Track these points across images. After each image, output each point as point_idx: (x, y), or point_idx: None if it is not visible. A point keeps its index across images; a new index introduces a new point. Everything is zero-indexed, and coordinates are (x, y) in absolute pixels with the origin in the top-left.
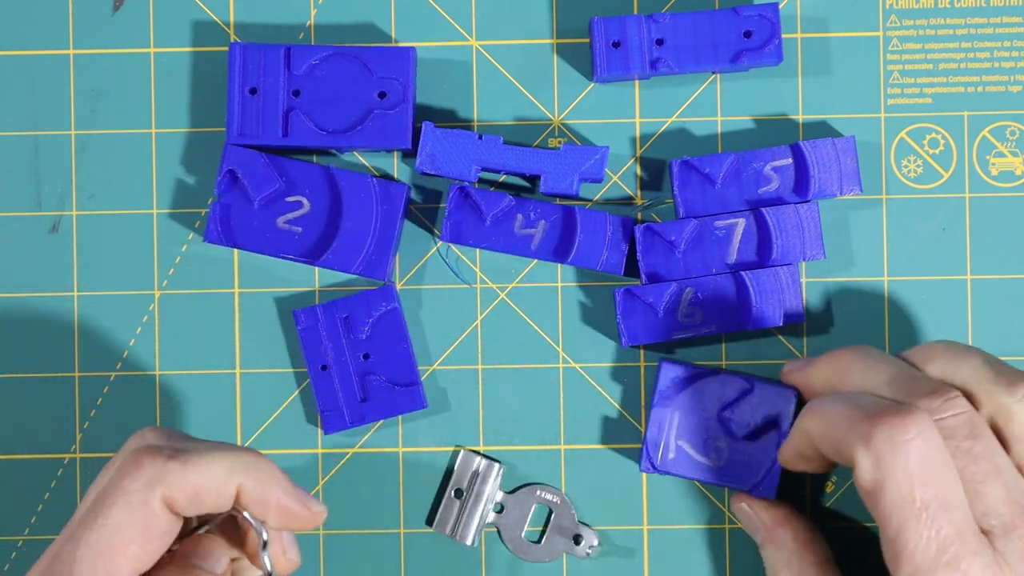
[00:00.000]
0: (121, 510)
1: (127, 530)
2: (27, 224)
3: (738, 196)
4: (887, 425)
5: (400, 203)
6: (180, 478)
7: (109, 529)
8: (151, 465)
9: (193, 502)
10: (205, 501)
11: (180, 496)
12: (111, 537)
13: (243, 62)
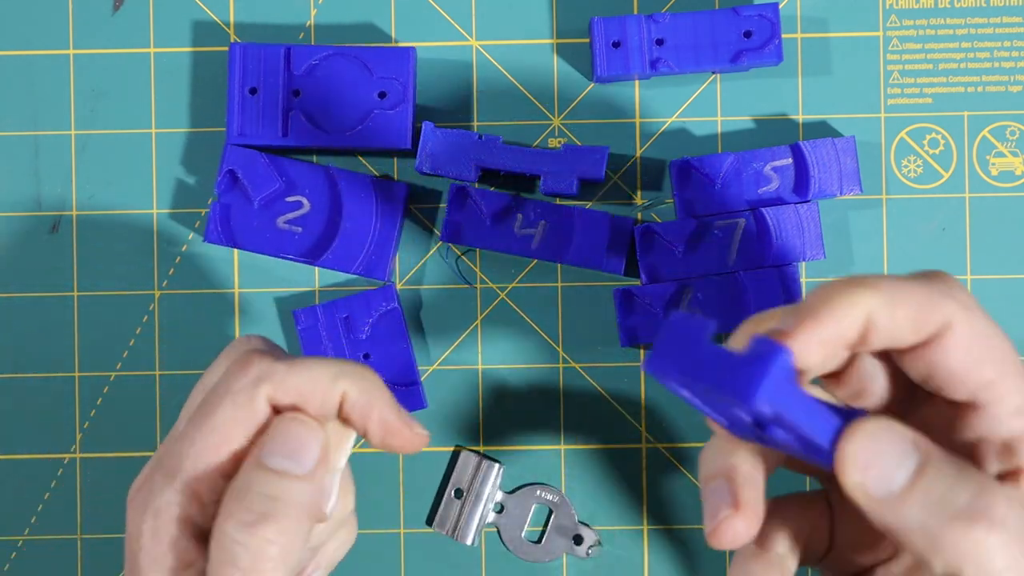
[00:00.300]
0: (227, 408)
1: (232, 427)
2: (27, 224)
3: (738, 196)
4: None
5: (400, 203)
6: (285, 378)
7: (214, 425)
8: (258, 365)
9: (299, 403)
10: (309, 404)
11: (284, 397)
12: (216, 433)
13: (243, 62)
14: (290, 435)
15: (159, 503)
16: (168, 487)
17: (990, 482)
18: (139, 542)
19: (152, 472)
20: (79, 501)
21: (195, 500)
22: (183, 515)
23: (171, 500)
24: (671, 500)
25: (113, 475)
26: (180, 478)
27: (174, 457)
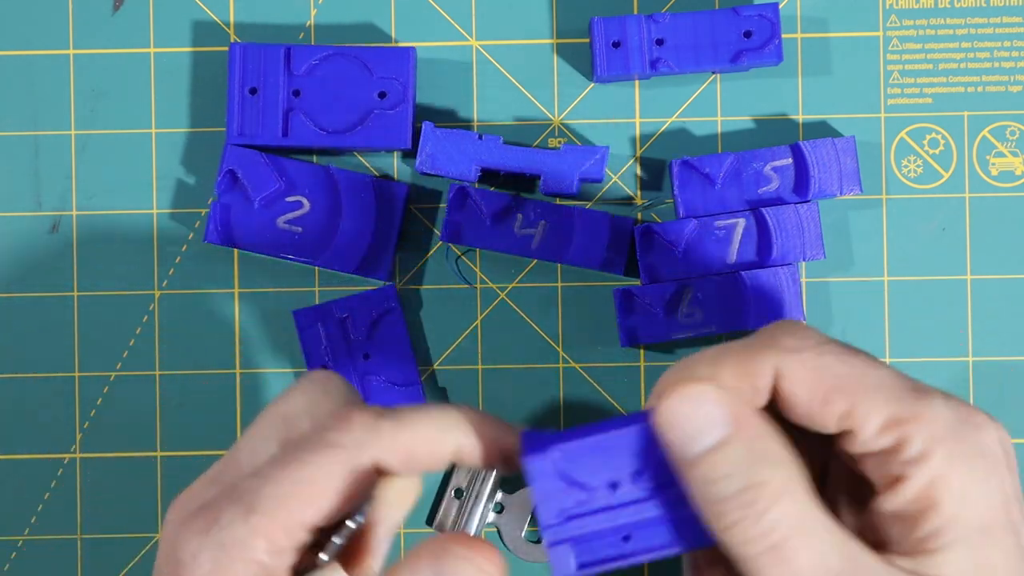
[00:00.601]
0: (327, 463)
1: (325, 483)
2: (27, 224)
3: (738, 196)
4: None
5: (400, 203)
6: (394, 439)
7: (309, 477)
8: (361, 422)
9: (404, 464)
10: (418, 463)
11: (393, 458)
12: (310, 486)
13: (243, 62)
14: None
15: (229, 538)
16: (242, 524)
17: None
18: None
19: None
20: (79, 501)
21: (270, 544)
22: (254, 557)
23: (244, 538)
24: None
25: (113, 475)
26: (258, 518)
27: (253, 494)
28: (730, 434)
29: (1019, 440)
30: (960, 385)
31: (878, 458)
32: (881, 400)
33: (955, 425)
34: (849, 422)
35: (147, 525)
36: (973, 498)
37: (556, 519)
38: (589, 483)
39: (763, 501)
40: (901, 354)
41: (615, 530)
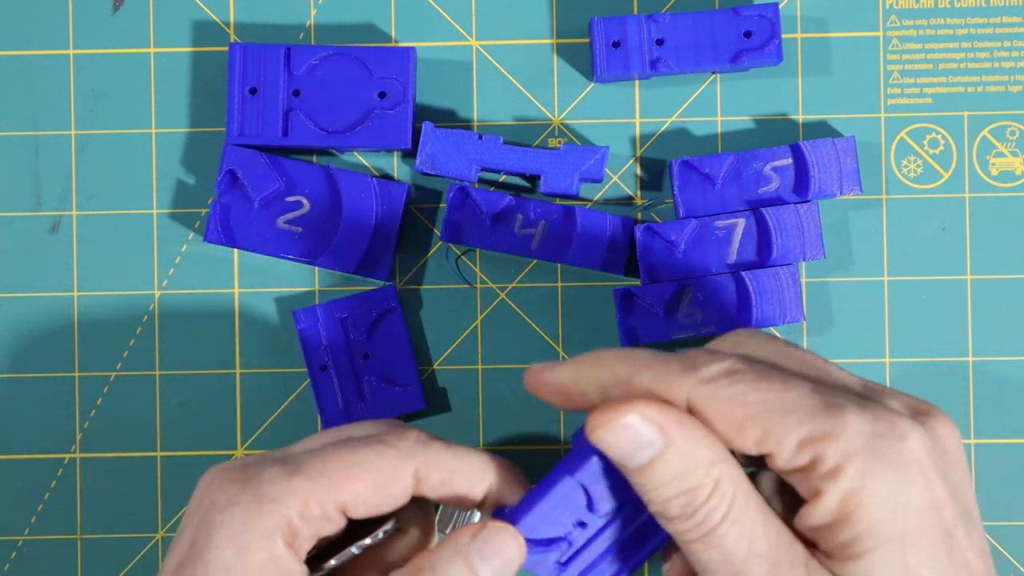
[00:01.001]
0: (374, 453)
1: (369, 470)
2: (27, 224)
3: (738, 196)
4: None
5: (400, 203)
6: (437, 456)
7: (353, 459)
8: (417, 436)
9: (443, 484)
10: (455, 487)
11: (433, 474)
12: (351, 466)
13: (243, 62)
14: (503, 549)
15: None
16: (284, 481)
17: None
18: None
19: (266, 461)
20: (79, 501)
21: (304, 507)
22: (285, 514)
23: (281, 494)
24: None
25: (113, 475)
26: (300, 480)
27: (300, 461)
28: (662, 447)
29: (1019, 440)
30: (960, 385)
31: (798, 474)
32: (794, 423)
33: (869, 438)
34: (766, 447)
35: (147, 525)
36: (892, 507)
37: (553, 568)
38: (561, 533)
39: (697, 500)
40: (901, 354)
41: (603, 556)
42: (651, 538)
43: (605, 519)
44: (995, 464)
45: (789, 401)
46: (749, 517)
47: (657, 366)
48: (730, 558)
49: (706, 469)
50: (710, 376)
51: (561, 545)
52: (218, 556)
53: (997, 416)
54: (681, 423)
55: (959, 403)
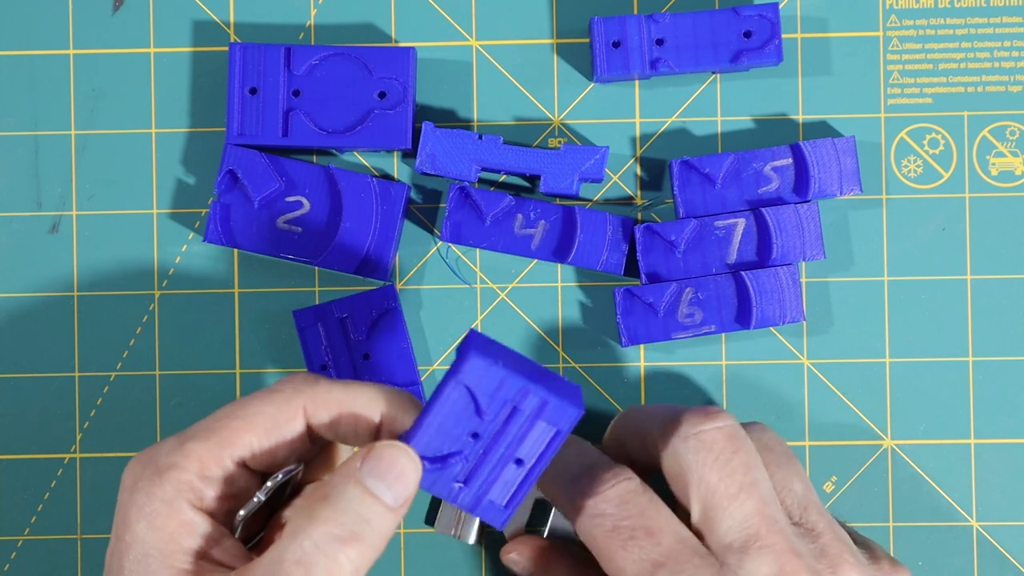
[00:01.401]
0: (259, 402)
1: (255, 418)
2: (27, 224)
3: (738, 196)
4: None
5: (400, 203)
6: (325, 392)
7: (240, 412)
8: (301, 378)
9: (332, 421)
10: (343, 421)
11: (322, 409)
12: (238, 419)
13: (243, 62)
14: (395, 464)
15: (164, 460)
16: (176, 450)
17: None
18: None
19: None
20: (79, 501)
21: (201, 467)
22: (183, 478)
23: (176, 461)
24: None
25: (113, 475)
26: (191, 443)
27: (193, 427)
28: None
29: (1019, 440)
30: (960, 385)
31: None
32: None
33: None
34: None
35: None
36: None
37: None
38: (456, 448)
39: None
40: (901, 354)
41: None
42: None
43: (496, 427)
44: (995, 464)
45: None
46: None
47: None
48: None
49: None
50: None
51: (458, 461)
52: (133, 535)
53: (997, 416)
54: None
55: (959, 403)
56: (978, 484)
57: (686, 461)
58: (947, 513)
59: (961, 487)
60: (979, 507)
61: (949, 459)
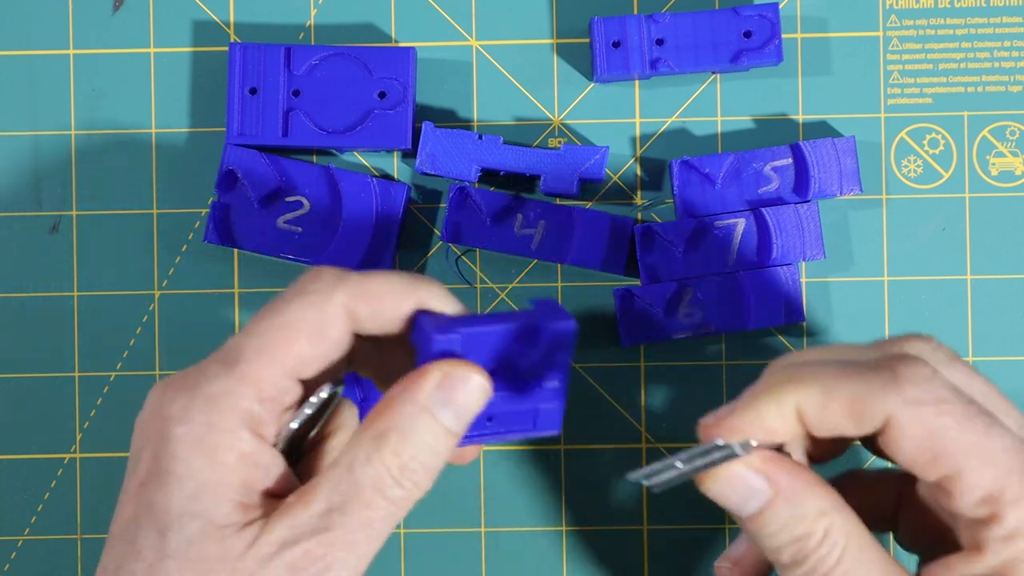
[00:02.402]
0: (297, 307)
1: (300, 325)
2: (27, 224)
3: (738, 196)
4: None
5: (400, 203)
6: (360, 284)
7: (281, 322)
8: (331, 272)
9: (373, 312)
10: (384, 312)
11: (361, 303)
12: (282, 330)
13: (243, 62)
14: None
15: (218, 389)
16: (227, 375)
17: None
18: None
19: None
20: (79, 501)
21: (257, 391)
22: (242, 405)
23: (231, 388)
24: (671, 500)
25: (113, 475)
26: (243, 367)
27: (234, 349)
28: (771, 498)
29: None
30: None
31: (967, 522)
32: (989, 476)
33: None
34: (950, 485)
35: None
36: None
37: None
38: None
39: (807, 548)
40: None
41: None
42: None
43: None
44: None
45: (990, 451)
46: (862, 567)
47: (855, 379)
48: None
49: (814, 518)
50: (916, 399)
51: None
52: (187, 466)
53: None
54: (790, 473)
55: None
56: None
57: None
58: None
59: None
60: None
61: None
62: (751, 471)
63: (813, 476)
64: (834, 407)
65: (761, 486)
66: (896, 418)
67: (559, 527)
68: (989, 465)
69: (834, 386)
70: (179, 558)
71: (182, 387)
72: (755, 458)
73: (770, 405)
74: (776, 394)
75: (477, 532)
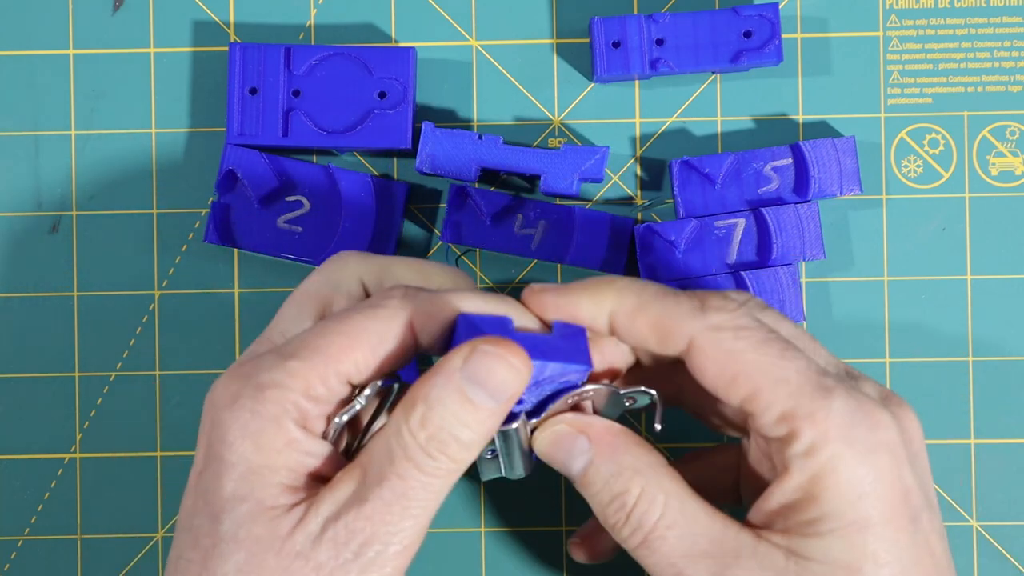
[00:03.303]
0: (364, 318)
1: (361, 335)
2: (27, 224)
3: (738, 196)
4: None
5: (400, 203)
6: (429, 303)
7: (344, 328)
8: (404, 292)
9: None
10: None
11: (429, 323)
12: (342, 336)
13: (243, 62)
14: (493, 369)
15: (267, 379)
16: (279, 368)
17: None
18: (236, 411)
19: (260, 354)
20: (79, 501)
21: (307, 388)
22: (290, 399)
23: (280, 380)
24: None
25: (113, 475)
26: (296, 363)
27: (292, 345)
28: (592, 456)
29: (1019, 440)
30: (960, 385)
31: (774, 444)
32: (783, 393)
33: (847, 425)
34: (750, 406)
35: (147, 525)
36: (860, 492)
37: None
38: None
39: (627, 504)
40: (901, 354)
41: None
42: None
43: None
44: (995, 464)
45: (783, 371)
46: (685, 518)
47: (667, 301)
48: (672, 560)
49: (630, 475)
50: (718, 324)
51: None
52: (235, 452)
53: (997, 416)
54: (609, 432)
55: (959, 403)
56: (978, 484)
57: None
58: (947, 513)
59: (961, 487)
60: (979, 507)
61: (949, 459)
62: (574, 431)
63: (633, 437)
64: (642, 320)
65: (584, 445)
66: (697, 340)
67: (559, 527)
68: (782, 383)
69: (648, 302)
70: (231, 541)
71: (236, 376)
72: (576, 418)
73: (588, 299)
74: (596, 292)
75: (477, 532)
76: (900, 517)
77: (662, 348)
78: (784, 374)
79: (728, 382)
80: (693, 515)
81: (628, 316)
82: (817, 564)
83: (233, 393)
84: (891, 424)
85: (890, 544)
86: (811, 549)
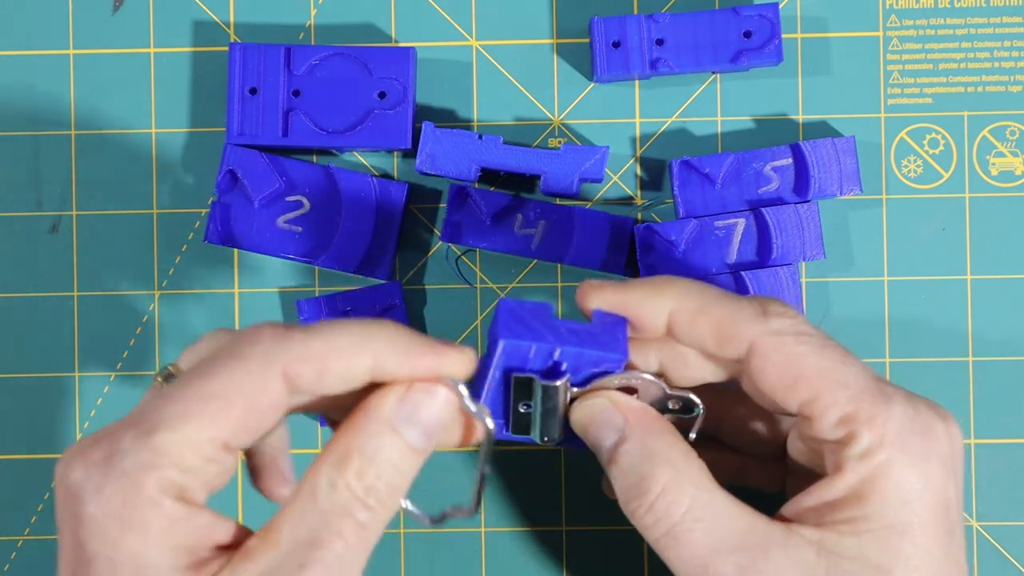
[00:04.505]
0: (230, 374)
1: (231, 396)
2: (27, 224)
3: (738, 196)
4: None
5: (400, 203)
6: (302, 346)
7: (211, 391)
8: (271, 333)
9: (319, 374)
10: (331, 374)
11: (304, 367)
12: (210, 400)
13: (243, 62)
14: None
15: (132, 464)
16: (144, 447)
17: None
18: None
19: (115, 429)
20: None
21: (179, 462)
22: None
23: (149, 461)
24: None
25: None
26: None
27: (153, 414)
28: (624, 435)
29: (1019, 440)
30: (960, 385)
31: (829, 446)
32: (843, 397)
33: (907, 431)
34: (809, 410)
35: None
36: (906, 498)
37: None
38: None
39: (652, 492)
40: (901, 354)
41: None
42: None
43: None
44: (995, 464)
45: (844, 375)
46: (714, 512)
47: (729, 303)
48: (699, 553)
49: (659, 461)
50: (779, 329)
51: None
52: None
53: (997, 416)
54: (645, 415)
55: (959, 403)
56: (978, 484)
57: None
58: None
59: None
60: (979, 507)
61: None
62: (612, 407)
63: (668, 425)
64: (703, 321)
65: (618, 422)
66: (759, 344)
67: (559, 527)
68: (843, 387)
69: (709, 303)
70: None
71: (94, 462)
72: (617, 395)
73: (650, 297)
74: (658, 290)
75: (477, 532)
76: (938, 527)
77: (721, 350)
78: (845, 379)
79: (789, 385)
80: (722, 509)
81: (689, 316)
82: (848, 561)
83: (97, 484)
84: (944, 435)
85: (924, 551)
86: (845, 546)
